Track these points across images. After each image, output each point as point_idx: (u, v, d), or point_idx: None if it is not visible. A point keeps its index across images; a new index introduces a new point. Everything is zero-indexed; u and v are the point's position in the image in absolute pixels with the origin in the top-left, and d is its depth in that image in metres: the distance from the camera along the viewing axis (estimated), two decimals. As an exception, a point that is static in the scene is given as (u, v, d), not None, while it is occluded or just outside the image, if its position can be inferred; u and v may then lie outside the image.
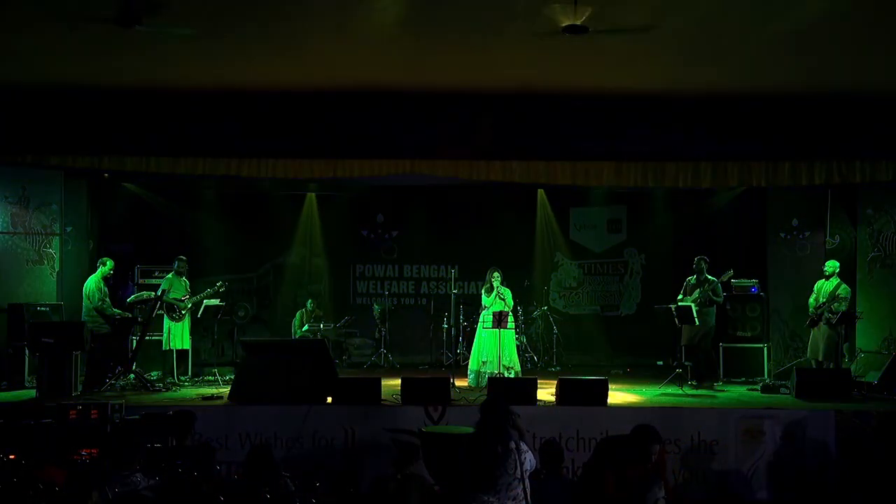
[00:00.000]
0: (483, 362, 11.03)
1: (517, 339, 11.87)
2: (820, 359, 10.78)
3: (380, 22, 7.53)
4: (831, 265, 10.93)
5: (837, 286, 10.72)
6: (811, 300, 10.92)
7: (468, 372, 11.29)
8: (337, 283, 15.35)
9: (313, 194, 14.87)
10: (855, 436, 8.57)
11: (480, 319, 11.33)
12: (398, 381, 9.48)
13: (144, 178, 12.56)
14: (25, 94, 9.84)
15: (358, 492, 8.22)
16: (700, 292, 10.96)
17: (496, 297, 11.13)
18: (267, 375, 9.41)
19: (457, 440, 7.11)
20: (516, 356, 11.24)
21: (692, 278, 11.20)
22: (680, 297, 11.13)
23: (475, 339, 11.32)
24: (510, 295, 11.26)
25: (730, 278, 11.30)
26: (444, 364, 13.37)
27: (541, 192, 14.75)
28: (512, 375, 10.81)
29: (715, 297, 11.01)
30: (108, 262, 10.89)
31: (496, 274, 11.29)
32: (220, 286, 11.58)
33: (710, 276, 11.07)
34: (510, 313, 11.01)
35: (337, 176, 10.43)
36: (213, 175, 10.56)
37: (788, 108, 9.96)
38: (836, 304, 10.64)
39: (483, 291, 11.39)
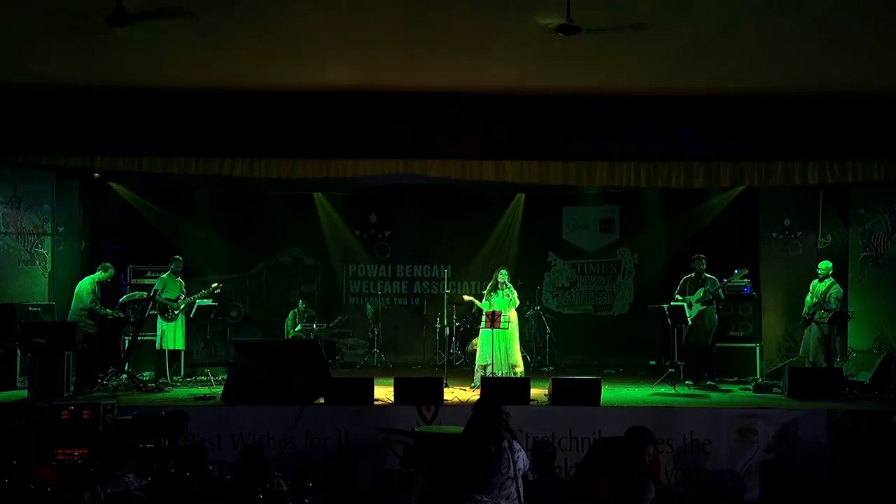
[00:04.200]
0: (484, 366, 11.01)
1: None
2: (811, 359, 10.82)
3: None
4: (824, 266, 10.98)
5: (830, 286, 10.77)
6: (807, 300, 10.96)
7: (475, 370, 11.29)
8: (330, 284, 15.34)
9: (321, 194, 14.86)
10: (846, 435, 8.60)
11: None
12: (391, 381, 9.49)
13: (136, 178, 12.52)
14: (18, 93, 9.81)
15: (352, 492, 8.23)
16: (704, 291, 11.01)
17: (503, 296, 11.14)
18: (260, 375, 9.40)
19: (450, 440, 7.11)
20: (519, 355, 11.24)
21: (690, 277, 11.23)
22: (678, 296, 11.17)
23: (481, 338, 11.31)
24: (515, 294, 11.29)
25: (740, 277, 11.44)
26: (437, 364, 13.37)
27: (519, 195, 14.76)
28: (518, 374, 10.82)
29: (722, 296, 11.14)
30: (109, 269, 10.86)
31: (503, 271, 11.31)
32: (216, 287, 11.56)
33: (708, 275, 11.12)
34: (502, 312, 11.00)
35: (330, 176, 10.41)
36: (205, 175, 10.54)
37: (781, 108, 9.98)
38: (827, 304, 10.69)
39: (486, 291, 11.36)
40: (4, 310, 10.90)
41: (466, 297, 11.98)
